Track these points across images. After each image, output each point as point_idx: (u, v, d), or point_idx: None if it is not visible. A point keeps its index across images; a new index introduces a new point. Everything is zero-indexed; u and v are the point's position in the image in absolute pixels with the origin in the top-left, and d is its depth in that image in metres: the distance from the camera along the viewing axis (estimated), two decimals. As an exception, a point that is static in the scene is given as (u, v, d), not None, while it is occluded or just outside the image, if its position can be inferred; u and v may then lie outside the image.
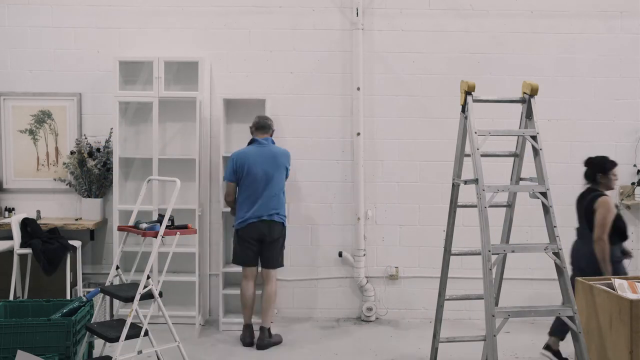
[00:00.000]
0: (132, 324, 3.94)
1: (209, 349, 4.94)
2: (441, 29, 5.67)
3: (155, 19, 5.69)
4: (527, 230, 5.40)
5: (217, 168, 5.63)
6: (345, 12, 5.68)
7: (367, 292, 5.67)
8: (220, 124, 5.51)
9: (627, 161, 5.68)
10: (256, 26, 5.69)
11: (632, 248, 5.65)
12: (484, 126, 3.96)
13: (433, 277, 5.32)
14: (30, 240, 5.10)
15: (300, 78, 5.70)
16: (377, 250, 5.72)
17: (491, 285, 3.57)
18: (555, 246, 3.70)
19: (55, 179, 5.73)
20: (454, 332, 5.14)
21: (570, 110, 5.68)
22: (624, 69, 5.67)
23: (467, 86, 3.96)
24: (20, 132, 5.75)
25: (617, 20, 5.67)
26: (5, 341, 3.90)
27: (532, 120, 3.93)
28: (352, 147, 5.63)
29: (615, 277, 4.02)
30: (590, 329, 3.98)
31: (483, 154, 3.87)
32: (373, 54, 5.69)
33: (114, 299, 4.90)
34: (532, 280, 5.65)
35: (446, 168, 5.08)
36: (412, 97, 5.69)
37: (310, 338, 5.15)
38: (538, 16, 5.66)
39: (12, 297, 5.05)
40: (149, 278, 4.03)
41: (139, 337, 4.00)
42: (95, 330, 4.03)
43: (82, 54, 5.70)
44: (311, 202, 5.66)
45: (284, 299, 5.73)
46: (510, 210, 4.23)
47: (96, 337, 4.13)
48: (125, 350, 3.93)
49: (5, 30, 5.72)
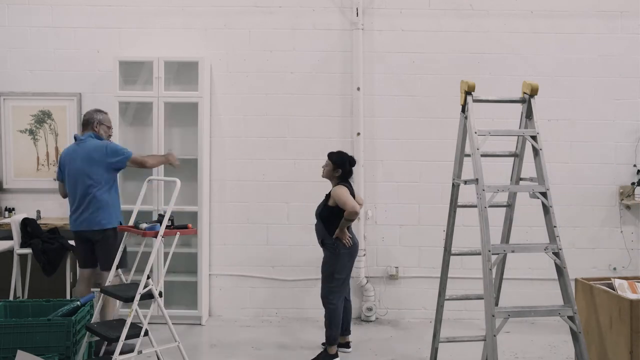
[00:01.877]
0: (132, 324, 3.94)
1: (210, 349, 4.94)
2: (441, 29, 5.67)
3: (155, 19, 5.70)
4: (527, 230, 5.40)
5: (217, 168, 5.65)
6: (345, 12, 5.68)
7: (367, 292, 5.67)
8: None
9: (627, 161, 5.68)
10: (256, 26, 5.69)
11: (632, 248, 5.68)
12: (484, 126, 3.96)
13: (433, 277, 5.33)
14: (30, 240, 5.11)
15: (300, 78, 5.70)
16: (377, 250, 5.72)
17: (491, 285, 3.57)
18: (555, 246, 3.70)
19: (55, 179, 5.72)
20: (454, 332, 5.15)
21: (570, 110, 5.68)
22: (624, 69, 5.67)
23: (467, 86, 3.95)
24: (20, 132, 5.76)
25: (617, 20, 5.67)
26: (5, 341, 3.90)
27: (532, 120, 3.93)
28: (352, 147, 5.63)
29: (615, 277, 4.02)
30: (590, 329, 3.98)
31: (483, 154, 3.87)
32: (373, 54, 5.69)
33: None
34: (532, 280, 5.65)
35: (446, 168, 5.08)
36: (412, 97, 5.69)
37: (310, 338, 5.15)
38: (538, 16, 5.66)
39: (12, 297, 5.06)
40: (149, 278, 4.03)
41: (139, 337, 3.99)
42: (95, 330, 4.02)
43: (82, 54, 5.71)
44: (311, 202, 5.64)
45: (284, 299, 5.73)
46: (510, 210, 4.23)
47: (96, 337, 4.13)
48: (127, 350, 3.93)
49: (5, 30, 5.73)
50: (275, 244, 5.72)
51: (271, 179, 5.71)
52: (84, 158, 4.55)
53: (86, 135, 4.66)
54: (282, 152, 5.70)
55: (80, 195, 4.55)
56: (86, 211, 4.54)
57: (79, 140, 4.66)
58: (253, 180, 5.71)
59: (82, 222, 4.56)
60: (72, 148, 4.68)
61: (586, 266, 5.60)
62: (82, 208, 4.54)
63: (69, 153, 4.66)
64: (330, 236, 4.48)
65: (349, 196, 4.44)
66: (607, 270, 5.65)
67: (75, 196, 4.57)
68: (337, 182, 4.56)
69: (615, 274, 5.45)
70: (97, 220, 4.53)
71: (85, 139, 4.63)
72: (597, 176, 5.68)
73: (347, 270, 4.59)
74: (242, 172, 5.71)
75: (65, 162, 4.65)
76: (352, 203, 4.38)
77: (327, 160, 4.61)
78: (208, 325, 5.43)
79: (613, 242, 5.70)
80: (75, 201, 4.58)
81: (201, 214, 5.43)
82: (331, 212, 4.49)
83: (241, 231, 5.72)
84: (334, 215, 4.46)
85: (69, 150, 4.69)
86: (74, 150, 4.63)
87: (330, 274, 4.52)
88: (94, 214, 4.53)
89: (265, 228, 5.72)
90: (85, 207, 4.53)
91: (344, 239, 4.46)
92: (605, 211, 5.70)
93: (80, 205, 4.55)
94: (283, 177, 5.71)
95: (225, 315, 5.72)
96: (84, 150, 4.58)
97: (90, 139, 4.63)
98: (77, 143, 4.65)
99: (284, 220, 5.71)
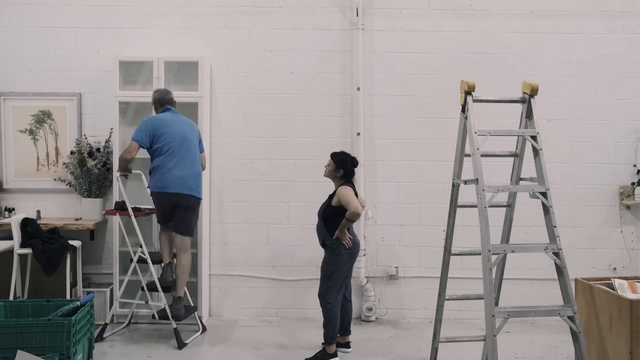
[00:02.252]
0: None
1: (210, 349, 4.94)
2: (441, 29, 5.67)
3: (155, 19, 5.70)
4: (527, 230, 5.40)
5: (217, 168, 5.65)
6: (345, 12, 5.68)
7: (367, 292, 5.67)
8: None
9: (627, 161, 5.68)
10: (256, 26, 5.69)
11: (632, 248, 5.68)
12: (484, 126, 3.96)
13: (433, 277, 5.33)
14: (30, 240, 5.11)
15: (300, 78, 5.70)
16: (377, 250, 5.72)
17: (491, 285, 3.57)
18: (555, 246, 3.70)
19: (55, 179, 5.73)
20: (454, 332, 5.15)
21: (570, 110, 5.68)
22: (624, 69, 5.67)
23: (467, 86, 3.96)
24: (20, 132, 5.76)
25: (617, 20, 5.67)
26: (5, 341, 3.89)
27: (532, 120, 3.93)
28: (352, 147, 5.63)
29: (615, 277, 4.02)
30: (590, 329, 3.99)
31: (483, 154, 3.87)
32: (373, 54, 5.69)
33: (113, 299, 5.30)
34: (532, 280, 5.65)
35: (446, 168, 5.08)
36: (412, 97, 5.69)
37: (310, 338, 5.15)
38: (538, 16, 5.66)
39: (12, 297, 5.06)
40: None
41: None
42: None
43: (82, 54, 5.71)
44: (311, 202, 5.65)
45: (284, 299, 5.73)
46: (510, 210, 4.23)
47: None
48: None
49: (5, 30, 5.72)
50: (275, 244, 5.72)
51: (271, 179, 5.71)
52: (188, 127, 4.97)
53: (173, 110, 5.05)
54: (282, 152, 5.70)
55: (190, 162, 4.89)
56: (190, 178, 4.87)
57: (173, 111, 5.01)
58: (253, 180, 5.71)
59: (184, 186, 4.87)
60: (169, 116, 4.94)
61: (586, 266, 5.60)
62: (187, 173, 4.87)
63: (167, 119, 4.90)
64: (330, 237, 4.49)
65: (354, 197, 4.45)
66: (607, 270, 5.65)
67: (185, 158, 4.87)
68: (341, 183, 4.56)
69: (615, 274, 5.45)
70: (197, 188, 4.94)
71: (176, 112, 5.03)
72: (597, 176, 5.68)
73: (346, 271, 4.59)
74: (242, 172, 5.71)
75: (170, 125, 4.87)
76: (355, 204, 4.39)
77: (329, 159, 4.62)
78: (208, 325, 5.43)
79: (613, 242, 5.70)
80: (185, 162, 4.86)
81: (201, 214, 5.42)
82: (334, 212, 4.50)
83: (241, 231, 5.72)
84: (337, 215, 4.46)
85: (165, 117, 4.93)
86: (171, 119, 4.93)
87: (329, 273, 4.53)
88: (191, 181, 4.89)
89: (265, 228, 5.72)
90: (191, 174, 4.88)
91: (344, 240, 4.46)
92: (605, 211, 5.70)
93: (186, 169, 4.86)
94: (283, 177, 5.71)
95: (225, 315, 5.72)
96: (184, 120, 5.00)
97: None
98: (173, 113, 4.99)
99: (284, 220, 5.71)
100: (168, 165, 4.80)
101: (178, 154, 4.84)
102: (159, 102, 5.03)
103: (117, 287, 5.29)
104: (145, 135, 4.81)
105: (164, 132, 4.83)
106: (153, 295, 5.16)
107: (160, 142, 4.82)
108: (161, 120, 4.89)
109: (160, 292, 4.98)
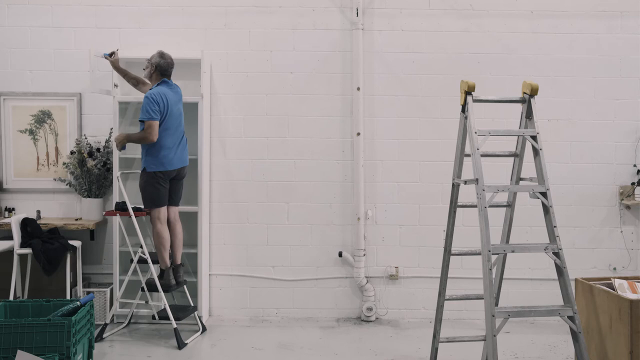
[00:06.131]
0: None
1: (210, 349, 4.94)
2: (441, 29, 5.67)
3: (155, 19, 5.70)
4: (527, 230, 5.40)
5: (217, 168, 5.65)
6: (345, 12, 5.68)
7: (367, 292, 5.67)
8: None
9: (627, 161, 5.68)
10: (256, 26, 5.69)
11: (632, 248, 5.68)
12: (484, 126, 3.96)
13: (433, 277, 5.34)
14: (30, 240, 5.11)
15: (300, 78, 5.70)
16: (377, 250, 5.72)
17: (491, 285, 3.57)
18: (555, 246, 3.70)
19: (55, 179, 5.73)
20: (454, 332, 5.15)
21: (570, 110, 5.68)
22: (624, 69, 5.67)
23: (467, 86, 3.95)
24: (20, 132, 5.76)
25: (617, 20, 5.67)
26: (5, 341, 3.89)
27: (532, 120, 3.93)
28: (352, 147, 5.63)
29: (615, 277, 4.02)
30: (590, 329, 3.99)
31: (483, 154, 3.86)
32: (373, 54, 5.69)
33: (113, 299, 5.32)
34: (532, 280, 5.65)
35: (446, 168, 5.09)
36: (412, 97, 5.69)
37: (310, 338, 5.16)
38: (538, 16, 5.66)
39: (12, 297, 5.06)
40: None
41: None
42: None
43: (82, 54, 5.70)
44: (311, 202, 5.66)
45: (284, 299, 5.73)
46: (510, 210, 4.22)
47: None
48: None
49: (5, 30, 5.72)
50: (275, 244, 5.72)
51: (271, 179, 5.71)
52: (181, 101, 5.08)
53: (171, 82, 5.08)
54: (282, 152, 5.70)
55: (181, 134, 5.06)
56: (184, 150, 5.08)
57: (169, 84, 5.02)
58: (253, 180, 5.71)
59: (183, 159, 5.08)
60: (169, 93, 4.95)
61: (586, 266, 5.60)
62: (181, 146, 5.04)
63: (169, 96, 4.93)
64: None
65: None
66: (607, 270, 5.65)
67: (180, 135, 5.03)
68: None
69: (615, 274, 5.45)
70: (186, 158, 5.12)
71: (174, 85, 5.09)
72: (597, 176, 5.68)
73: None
74: (242, 172, 5.71)
75: (172, 102, 4.93)
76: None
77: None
78: (208, 325, 5.43)
79: (613, 242, 5.69)
80: (179, 139, 5.00)
81: (201, 214, 5.43)
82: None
83: (241, 231, 5.72)
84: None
85: (167, 94, 4.93)
86: (172, 96, 4.97)
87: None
88: (185, 152, 5.11)
89: (265, 228, 5.72)
90: (183, 146, 5.07)
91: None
92: (605, 211, 5.70)
93: (180, 143, 5.02)
94: (283, 177, 5.71)
95: (225, 315, 5.72)
96: (179, 95, 5.08)
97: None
98: (171, 87, 5.01)
99: (284, 220, 5.71)
100: (170, 145, 4.92)
101: (177, 132, 4.99)
102: (161, 71, 5.02)
103: (117, 287, 5.29)
104: (159, 114, 4.86)
105: (168, 111, 4.90)
106: (153, 296, 5.18)
107: (165, 122, 4.89)
108: (166, 98, 4.91)
109: (160, 292, 4.98)
